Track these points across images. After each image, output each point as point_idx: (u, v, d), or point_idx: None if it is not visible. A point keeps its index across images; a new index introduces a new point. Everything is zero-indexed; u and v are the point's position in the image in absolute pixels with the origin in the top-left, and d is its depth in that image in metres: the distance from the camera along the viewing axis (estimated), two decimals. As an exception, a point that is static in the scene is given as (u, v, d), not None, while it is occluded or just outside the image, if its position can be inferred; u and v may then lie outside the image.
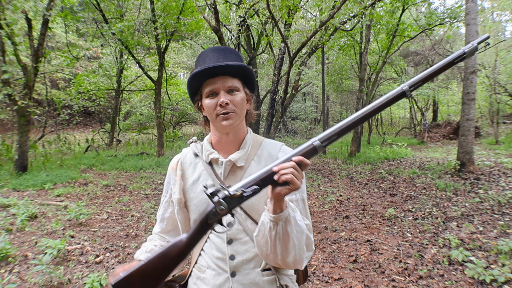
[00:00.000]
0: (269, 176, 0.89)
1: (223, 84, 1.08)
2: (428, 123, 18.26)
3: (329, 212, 5.70)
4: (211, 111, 1.09)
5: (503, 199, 5.25)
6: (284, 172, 0.88)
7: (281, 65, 9.35)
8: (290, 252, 1.00)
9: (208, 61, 1.10)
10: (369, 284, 3.24)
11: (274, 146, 1.20)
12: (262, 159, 1.16)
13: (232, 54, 1.14)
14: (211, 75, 1.08)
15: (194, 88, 1.14)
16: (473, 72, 7.00)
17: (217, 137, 1.16)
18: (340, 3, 6.75)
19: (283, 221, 0.97)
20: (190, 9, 9.86)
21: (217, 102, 1.07)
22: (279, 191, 0.90)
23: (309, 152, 0.91)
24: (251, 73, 1.14)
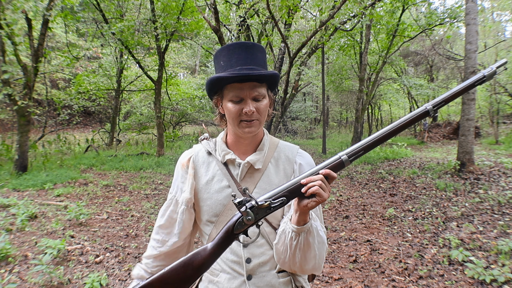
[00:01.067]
0: (296, 188, 0.91)
1: (251, 91, 1.03)
2: (428, 123, 18.25)
3: (329, 212, 5.70)
4: (235, 116, 1.05)
5: (503, 199, 5.24)
6: (312, 185, 0.89)
7: (281, 65, 9.35)
8: (310, 262, 1.02)
9: (235, 61, 1.04)
10: (369, 284, 3.24)
11: (291, 149, 1.20)
12: (280, 162, 1.16)
13: (259, 53, 1.08)
14: (239, 80, 1.02)
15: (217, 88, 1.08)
16: (473, 72, 6.99)
17: (233, 137, 1.14)
18: (340, 3, 6.75)
19: (305, 232, 0.98)
20: (190, 9, 9.85)
21: (242, 109, 1.03)
22: (306, 204, 0.91)
23: (336, 166, 0.93)
24: (278, 79, 1.10)
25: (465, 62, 7.17)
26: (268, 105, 1.09)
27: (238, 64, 1.03)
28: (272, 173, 1.13)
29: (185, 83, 18.29)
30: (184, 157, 1.18)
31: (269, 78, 1.06)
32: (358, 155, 0.94)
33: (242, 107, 1.03)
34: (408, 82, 14.31)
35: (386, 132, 0.95)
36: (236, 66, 1.03)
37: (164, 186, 7.12)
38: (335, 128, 26.06)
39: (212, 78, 1.03)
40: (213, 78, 1.03)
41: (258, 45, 1.08)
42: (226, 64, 1.05)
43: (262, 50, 1.09)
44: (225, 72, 1.02)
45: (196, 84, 18.79)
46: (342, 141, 16.63)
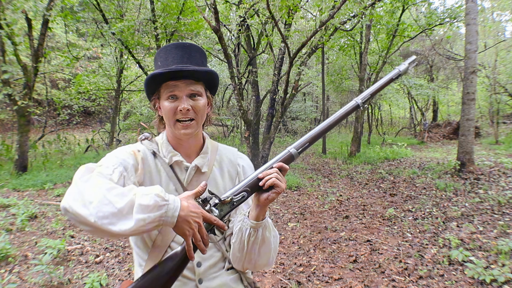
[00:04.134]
0: (255, 182, 0.96)
1: (185, 89, 1.02)
2: (428, 123, 18.25)
3: (329, 212, 5.70)
4: (170, 115, 1.02)
5: (503, 199, 5.24)
6: (269, 177, 0.95)
7: (281, 65, 9.35)
8: (265, 257, 1.07)
9: (171, 60, 1.03)
10: (369, 284, 3.24)
11: (232, 151, 1.22)
12: (223, 165, 1.16)
13: (197, 53, 1.07)
14: (174, 77, 1.01)
15: (153, 87, 1.06)
16: (473, 72, 6.99)
17: (175, 140, 1.09)
18: (340, 3, 6.75)
19: (262, 227, 1.03)
20: (190, 9, 9.85)
21: (177, 107, 1.01)
22: (266, 197, 0.96)
23: (287, 159, 1.00)
24: (216, 78, 1.09)
25: (465, 62, 7.17)
26: (205, 104, 1.07)
27: (174, 63, 1.02)
28: (217, 176, 1.13)
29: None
30: (132, 147, 1.07)
31: (205, 75, 1.05)
32: (304, 147, 1.02)
33: (177, 105, 1.01)
34: (408, 82, 14.30)
35: (325, 126, 1.05)
36: (172, 65, 1.02)
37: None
38: (335, 128, 26.04)
39: (148, 77, 1.03)
40: (149, 76, 1.02)
41: (195, 45, 1.08)
42: (162, 64, 1.04)
43: (200, 50, 1.08)
44: (159, 70, 1.01)
45: (196, 84, 18.76)
46: (342, 141, 16.62)
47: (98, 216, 0.78)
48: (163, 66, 1.03)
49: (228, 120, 18.35)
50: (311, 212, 5.68)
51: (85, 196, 0.80)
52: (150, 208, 0.80)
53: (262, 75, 14.38)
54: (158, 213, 0.80)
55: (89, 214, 0.78)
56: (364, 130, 16.96)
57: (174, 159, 1.07)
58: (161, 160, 1.07)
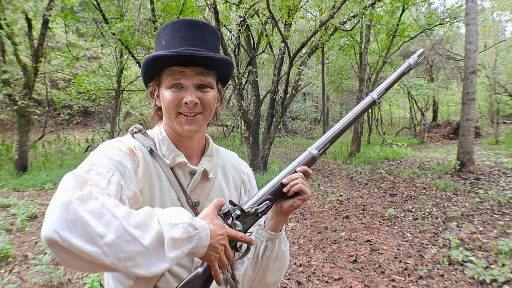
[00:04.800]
0: (278, 188, 0.86)
1: (194, 78, 0.84)
2: (428, 123, 18.25)
3: (329, 212, 5.70)
4: (172, 106, 0.85)
5: (503, 199, 5.25)
6: (294, 183, 0.86)
7: (281, 65, 9.35)
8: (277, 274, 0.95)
9: (180, 40, 0.85)
10: (369, 284, 3.24)
11: (234, 157, 1.07)
12: (227, 171, 1.01)
13: (211, 36, 0.88)
14: (181, 63, 0.83)
15: (153, 71, 0.87)
16: (473, 72, 7.00)
17: (177, 135, 0.91)
18: (340, 3, 6.75)
19: (280, 239, 0.92)
20: (190, 9, 9.85)
21: (182, 98, 0.84)
22: (291, 204, 0.87)
23: (310, 162, 0.91)
24: (231, 68, 0.92)
25: (465, 62, 7.17)
26: (216, 98, 0.90)
27: (183, 44, 0.84)
28: (223, 184, 0.97)
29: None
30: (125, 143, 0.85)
31: (220, 64, 0.87)
32: (326, 147, 0.94)
33: (182, 96, 0.84)
34: (408, 82, 14.31)
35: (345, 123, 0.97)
36: (180, 47, 0.84)
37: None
38: (335, 128, 26.02)
39: (148, 58, 0.83)
40: (150, 57, 0.83)
41: (210, 26, 0.89)
42: (168, 44, 0.86)
43: (215, 33, 0.90)
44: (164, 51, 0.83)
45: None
46: (342, 141, 16.62)
47: (119, 257, 0.59)
48: (169, 47, 0.85)
49: (228, 120, 18.36)
50: (311, 212, 5.68)
51: (89, 226, 0.58)
52: (182, 242, 0.65)
53: (262, 75, 14.38)
54: (190, 246, 0.67)
55: (102, 253, 0.58)
56: (364, 130, 16.96)
57: (178, 160, 0.88)
58: (160, 160, 0.87)
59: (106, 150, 0.79)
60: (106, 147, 0.81)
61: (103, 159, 0.75)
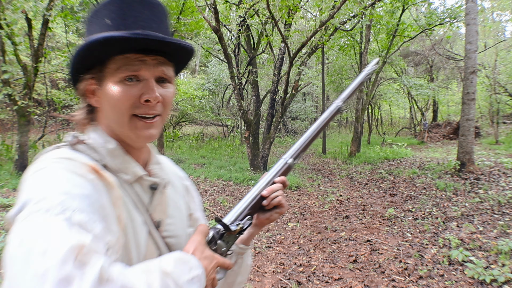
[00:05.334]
0: (258, 202, 0.80)
1: (156, 69, 0.66)
2: (428, 123, 18.26)
3: (329, 212, 5.70)
4: (126, 106, 0.64)
5: (503, 199, 5.25)
6: (275, 195, 0.80)
7: (281, 65, 9.35)
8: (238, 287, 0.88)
9: (133, 20, 0.64)
10: (369, 284, 3.24)
11: (168, 160, 0.91)
12: (173, 178, 0.84)
13: (167, 19, 0.71)
14: (141, 49, 0.64)
15: (95, 59, 0.65)
16: (473, 72, 7.00)
17: (125, 144, 0.70)
18: (340, 3, 6.75)
19: (248, 253, 0.87)
20: (190, 9, 9.85)
21: (141, 94, 0.65)
22: (268, 217, 0.82)
23: (286, 171, 0.87)
24: (189, 61, 0.78)
25: (465, 62, 7.17)
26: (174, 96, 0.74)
27: (138, 26, 0.64)
28: (173, 194, 0.81)
29: (185, 83, 18.29)
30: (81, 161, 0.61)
31: (185, 55, 0.72)
32: (299, 155, 0.90)
33: (139, 93, 0.65)
34: (408, 82, 14.32)
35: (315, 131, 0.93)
36: (136, 28, 0.63)
37: (164, 186, 7.13)
38: (335, 128, 26.07)
39: (95, 40, 0.60)
40: (99, 38, 0.60)
41: (164, 6, 0.71)
42: (118, 23, 0.64)
43: (168, 15, 0.73)
44: (120, 32, 0.61)
45: (196, 84, 18.79)
46: (342, 141, 16.63)
47: None
48: (120, 28, 0.63)
49: (228, 120, 18.36)
50: (311, 212, 5.68)
51: None
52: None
53: (262, 75, 14.39)
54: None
55: None
56: (364, 130, 16.97)
57: (139, 174, 0.70)
58: (114, 176, 0.66)
59: (63, 181, 0.54)
60: (58, 174, 0.55)
61: (70, 198, 0.51)
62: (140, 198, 0.70)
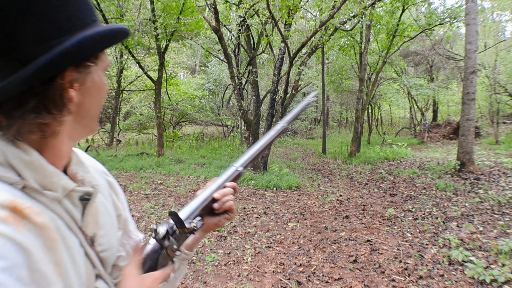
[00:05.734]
0: (209, 204, 0.77)
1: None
2: (428, 123, 18.26)
3: (329, 212, 5.70)
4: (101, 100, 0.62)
5: (503, 199, 5.25)
6: (226, 199, 0.78)
7: (281, 65, 9.35)
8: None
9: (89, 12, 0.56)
10: (369, 284, 3.24)
11: (87, 156, 0.79)
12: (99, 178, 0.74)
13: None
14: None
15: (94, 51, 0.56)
16: (473, 72, 7.00)
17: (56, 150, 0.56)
18: (340, 3, 6.75)
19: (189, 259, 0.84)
20: (190, 9, 9.85)
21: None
22: (217, 222, 0.79)
23: (236, 178, 0.86)
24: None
25: (465, 62, 7.18)
26: None
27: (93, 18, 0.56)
28: (101, 197, 0.71)
29: (185, 83, 18.32)
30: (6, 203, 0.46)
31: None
32: (248, 165, 0.90)
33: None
34: (408, 82, 14.32)
35: (263, 146, 0.94)
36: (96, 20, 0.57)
37: (164, 186, 7.12)
38: (335, 128, 26.08)
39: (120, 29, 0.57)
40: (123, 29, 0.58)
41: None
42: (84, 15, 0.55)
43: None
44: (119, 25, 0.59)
45: (196, 84, 18.81)
46: (342, 141, 16.63)
47: None
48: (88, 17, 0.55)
49: (228, 120, 18.37)
50: (311, 212, 5.68)
51: None
52: None
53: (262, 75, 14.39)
54: None
55: None
56: (364, 130, 16.97)
57: (69, 187, 0.57)
58: (43, 197, 0.53)
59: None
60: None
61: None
62: (73, 217, 0.58)
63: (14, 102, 0.48)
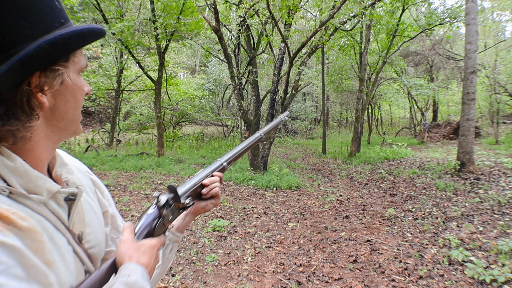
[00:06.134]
0: (198, 189, 0.85)
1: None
2: (428, 123, 18.26)
3: (329, 212, 5.70)
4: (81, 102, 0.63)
5: (503, 199, 5.25)
6: (214, 186, 0.86)
7: (281, 65, 9.35)
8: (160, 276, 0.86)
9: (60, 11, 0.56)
10: (369, 284, 3.24)
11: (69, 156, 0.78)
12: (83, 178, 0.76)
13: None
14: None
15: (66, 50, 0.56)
16: (473, 72, 7.00)
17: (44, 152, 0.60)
18: (340, 3, 6.75)
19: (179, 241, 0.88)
20: (190, 9, 9.85)
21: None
22: (204, 206, 0.87)
23: (221, 171, 0.94)
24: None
25: (465, 62, 7.17)
26: None
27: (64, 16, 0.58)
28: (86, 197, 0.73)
29: (185, 83, 18.31)
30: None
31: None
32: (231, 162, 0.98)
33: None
34: (408, 82, 14.32)
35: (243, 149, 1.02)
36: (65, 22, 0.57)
37: (164, 186, 7.12)
38: (335, 128, 26.07)
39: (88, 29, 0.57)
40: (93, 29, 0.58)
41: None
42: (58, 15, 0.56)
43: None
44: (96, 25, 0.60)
45: (196, 84, 18.80)
46: (342, 141, 16.63)
47: None
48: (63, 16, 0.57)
49: (228, 120, 18.37)
50: (311, 212, 5.68)
51: None
52: None
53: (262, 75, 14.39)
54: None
55: None
56: (364, 130, 16.97)
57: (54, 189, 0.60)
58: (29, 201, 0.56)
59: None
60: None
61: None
62: (59, 217, 0.60)
63: None
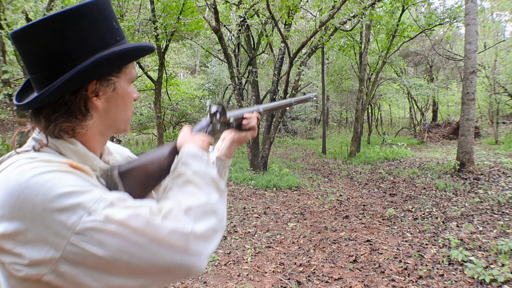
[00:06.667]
0: (240, 119, 0.99)
1: None
2: (428, 123, 18.26)
3: (329, 212, 5.70)
4: (130, 106, 0.78)
5: (503, 199, 5.25)
6: (252, 120, 1.00)
7: (281, 65, 9.35)
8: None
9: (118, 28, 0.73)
10: (369, 284, 3.25)
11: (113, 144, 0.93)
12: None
13: None
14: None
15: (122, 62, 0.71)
16: (473, 72, 7.00)
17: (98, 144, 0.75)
18: (340, 3, 6.76)
19: (226, 168, 1.05)
20: (190, 9, 9.86)
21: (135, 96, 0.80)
22: (244, 136, 1.01)
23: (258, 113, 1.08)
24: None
25: (465, 62, 7.18)
26: None
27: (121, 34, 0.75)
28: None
29: (185, 83, 18.31)
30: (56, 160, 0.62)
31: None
32: (266, 112, 1.10)
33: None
34: (408, 82, 14.32)
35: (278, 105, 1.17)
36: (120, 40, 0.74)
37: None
38: (335, 128, 26.07)
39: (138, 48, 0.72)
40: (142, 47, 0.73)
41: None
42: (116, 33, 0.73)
43: None
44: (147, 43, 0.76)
45: (196, 84, 18.80)
46: (342, 141, 16.63)
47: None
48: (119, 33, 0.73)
49: (228, 120, 18.35)
50: (311, 212, 5.69)
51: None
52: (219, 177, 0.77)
53: (262, 75, 14.40)
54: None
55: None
56: (364, 130, 16.96)
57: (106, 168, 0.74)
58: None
59: (73, 179, 0.59)
60: (51, 177, 0.57)
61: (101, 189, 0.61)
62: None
63: (51, 108, 0.66)
